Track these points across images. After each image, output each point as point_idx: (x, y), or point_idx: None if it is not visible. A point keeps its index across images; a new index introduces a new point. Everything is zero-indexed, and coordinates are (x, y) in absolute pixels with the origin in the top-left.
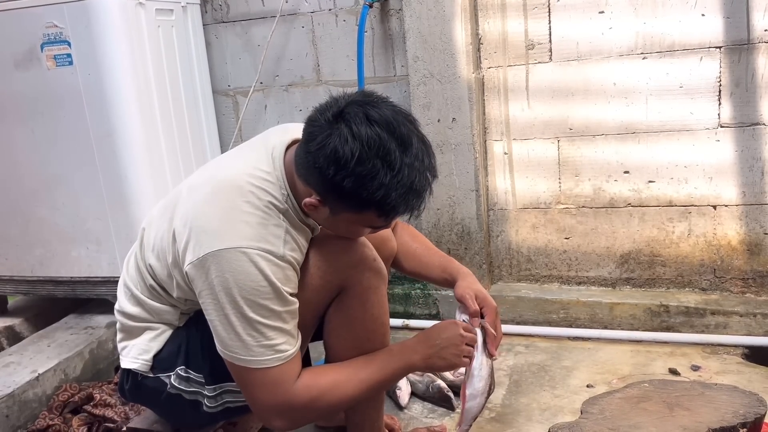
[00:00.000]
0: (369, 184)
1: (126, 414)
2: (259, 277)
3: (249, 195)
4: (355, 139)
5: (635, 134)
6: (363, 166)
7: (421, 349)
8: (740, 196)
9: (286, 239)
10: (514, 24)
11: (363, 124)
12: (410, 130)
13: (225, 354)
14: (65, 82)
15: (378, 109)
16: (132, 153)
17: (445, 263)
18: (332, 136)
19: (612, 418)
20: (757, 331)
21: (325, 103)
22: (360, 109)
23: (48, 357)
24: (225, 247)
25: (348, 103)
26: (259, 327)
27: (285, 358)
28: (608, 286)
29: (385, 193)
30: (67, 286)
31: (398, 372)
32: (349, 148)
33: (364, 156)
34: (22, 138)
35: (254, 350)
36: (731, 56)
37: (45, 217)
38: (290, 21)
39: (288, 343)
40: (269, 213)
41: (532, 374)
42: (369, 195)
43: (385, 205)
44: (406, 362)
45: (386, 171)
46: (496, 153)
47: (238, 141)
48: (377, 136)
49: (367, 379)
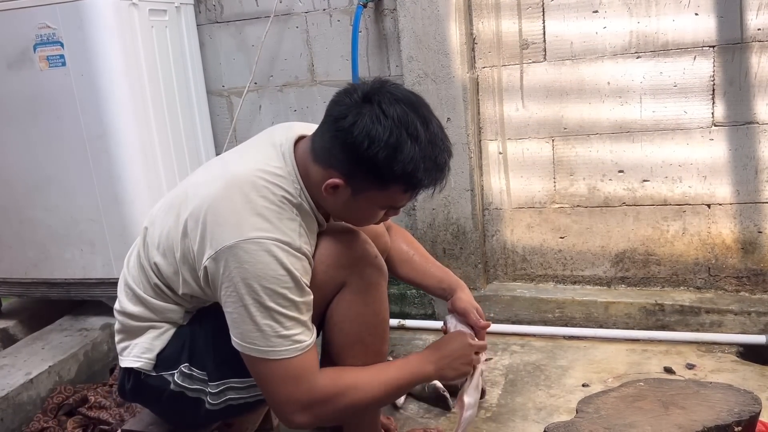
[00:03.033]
0: (400, 156)
1: (121, 416)
2: (277, 267)
3: (263, 190)
4: (387, 116)
5: (629, 133)
6: (395, 139)
7: (434, 360)
8: (734, 194)
9: (300, 232)
10: (509, 24)
11: (392, 103)
12: (429, 111)
13: (242, 347)
14: (58, 82)
15: (400, 91)
16: (126, 154)
17: (442, 275)
18: (364, 113)
19: (607, 417)
20: (751, 329)
21: (347, 88)
22: (386, 90)
23: (42, 359)
24: (243, 238)
25: (372, 86)
26: (277, 317)
27: (303, 349)
28: (603, 285)
29: (414, 165)
30: (61, 287)
31: (414, 379)
32: (381, 124)
33: (395, 131)
34: (14, 139)
35: (272, 340)
36: (725, 55)
37: (38, 219)
38: (284, 21)
39: (304, 334)
40: (283, 207)
41: (527, 373)
42: (400, 167)
43: (413, 177)
44: (420, 371)
45: (413, 144)
46: (490, 152)
47: (232, 141)
48: (405, 113)
49: (386, 382)
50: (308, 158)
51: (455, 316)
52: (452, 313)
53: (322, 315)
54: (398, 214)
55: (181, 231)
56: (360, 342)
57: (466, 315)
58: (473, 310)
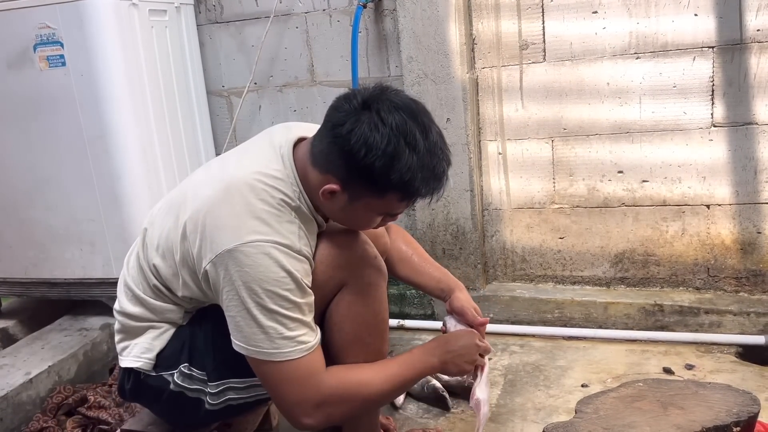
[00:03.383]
0: (397, 165)
1: (120, 416)
2: (278, 269)
3: (262, 193)
4: (385, 124)
5: (629, 134)
6: (392, 148)
7: (439, 353)
8: (733, 195)
9: (300, 234)
10: (508, 24)
11: (391, 111)
12: (429, 120)
13: (248, 350)
14: (58, 83)
15: (401, 99)
16: (125, 154)
17: (440, 276)
18: (362, 121)
19: (606, 418)
20: (750, 330)
21: (347, 94)
22: (385, 97)
23: (42, 359)
24: (242, 242)
25: (372, 92)
26: (281, 318)
27: (308, 349)
28: (603, 286)
29: (412, 175)
30: (61, 287)
31: (420, 371)
32: (379, 132)
33: (393, 139)
34: (14, 139)
35: (277, 342)
36: (724, 56)
37: (38, 219)
38: (284, 21)
39: (308, 335)
40: (282, 210)
41: (527, 374)
42: (397, 176)
43: (410, 186)
44: (425, 363)
45: (411, 153)
46: (490, 153)
47: (232, 141)
48: (404, 121)
49: (393, 375)
50: (307, 162)
51: (454, 317)
52: (450, 313)
53: (322, 315)
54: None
55: (180, 233)
56: (359, 342)
57: (463, 314)
58: (471, 308)
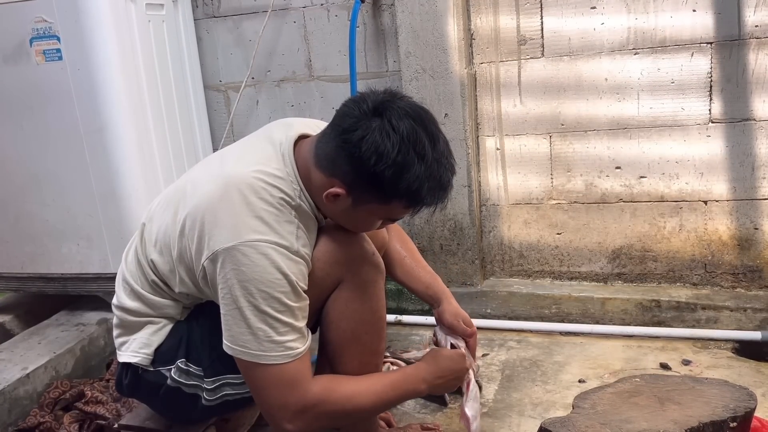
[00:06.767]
0: (406, 175)
1: (118, 411)
2: (274, 270)
3: (261, 191)
4: (396, 132)
5: (627, 130)
6: (402, 157)
7: (431, 379)
8: (731, 191)
9: (298, 234)
10: (506, 19)
11: (401, 118)
12: (437, 128)
13: (234, 350)
14: (55, 77)
15: (410, 106)
16: (122, 148)
17: (430, 281)
18: (374, 128)
19: (603, 413)
20: (747, 326)
21: (356, 98)
22: (395, 104)
23: (39, 354)
24: (240, 241)
25: (382, 97)
26: (271, 321)
27: (294, 356)
28: (600, 281)
29: (419, 184)
30: (58, 282)
31: (408, 394)
32: (390, 140)
33: (403, 148)
34: (10, 133)
35: (264, 344)
36: (722, 52)
37: (35, 213)
38: (282, 16)
39: (298, 341)
40: (282, 209)
41: (524, 369)
42: (405, 185)
43: (416, 196)
44: (415, 387)
45: (420, 163)
46: (488, 149)
47: (229, 136)
48: (413, 129)
49: (379, 393)
50: (311, 162)
51: (443, 328)
52: (440, 324)
53: (319, 312)
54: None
55: (178, 230)
56: (357, 339)
57: (453, 329)
58: (459, 321)
